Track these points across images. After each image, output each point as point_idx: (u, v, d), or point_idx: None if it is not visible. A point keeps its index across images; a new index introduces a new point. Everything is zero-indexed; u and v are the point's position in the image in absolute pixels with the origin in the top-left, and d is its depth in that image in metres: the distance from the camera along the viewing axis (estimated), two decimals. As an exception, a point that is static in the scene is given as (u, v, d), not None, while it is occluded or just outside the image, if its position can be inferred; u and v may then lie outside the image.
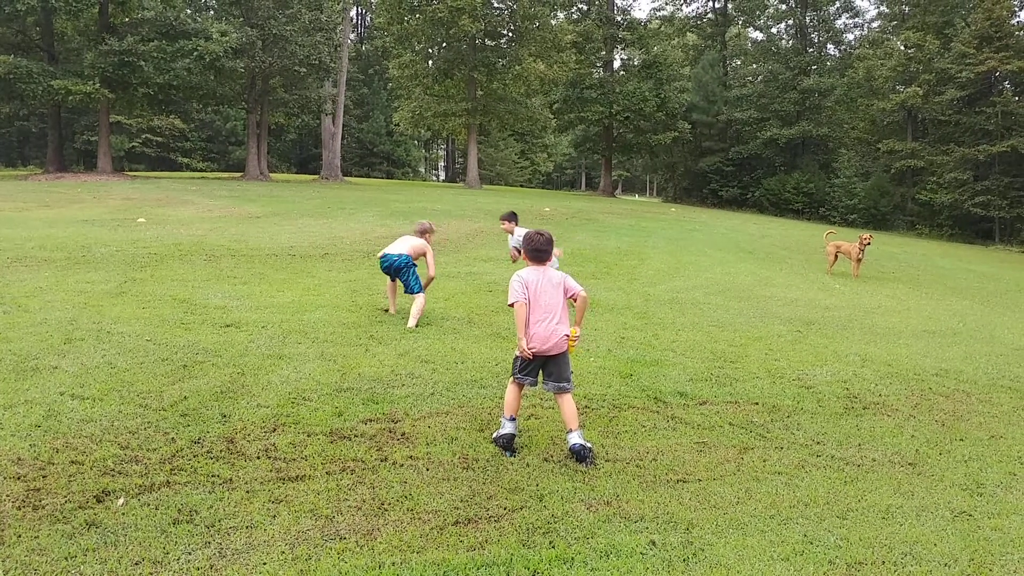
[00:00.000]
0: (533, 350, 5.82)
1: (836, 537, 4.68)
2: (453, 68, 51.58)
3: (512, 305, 5.89)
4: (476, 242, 19.53)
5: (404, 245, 10.46)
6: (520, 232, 11.13)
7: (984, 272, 25.21)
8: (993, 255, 37.03)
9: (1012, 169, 47.79)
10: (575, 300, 6.00)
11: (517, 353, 5.93)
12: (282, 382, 7.02)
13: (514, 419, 5.89)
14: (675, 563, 4.22)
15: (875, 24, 66.96)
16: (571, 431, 5.74)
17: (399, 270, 10.18)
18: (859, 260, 19.02)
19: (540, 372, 5.99)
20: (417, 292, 10.09)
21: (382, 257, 10.38)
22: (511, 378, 6.03)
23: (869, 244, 19.41)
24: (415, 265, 10.30)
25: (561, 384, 5.90)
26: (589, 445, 5.71)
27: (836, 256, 19.58)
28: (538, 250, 6.07)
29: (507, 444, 5.78)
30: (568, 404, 5.84)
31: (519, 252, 11.14)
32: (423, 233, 10.83)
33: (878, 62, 54.20)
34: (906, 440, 6.70)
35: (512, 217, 11.71)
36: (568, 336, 5.86)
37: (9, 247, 14.52)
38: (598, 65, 63.63)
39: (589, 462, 5.59)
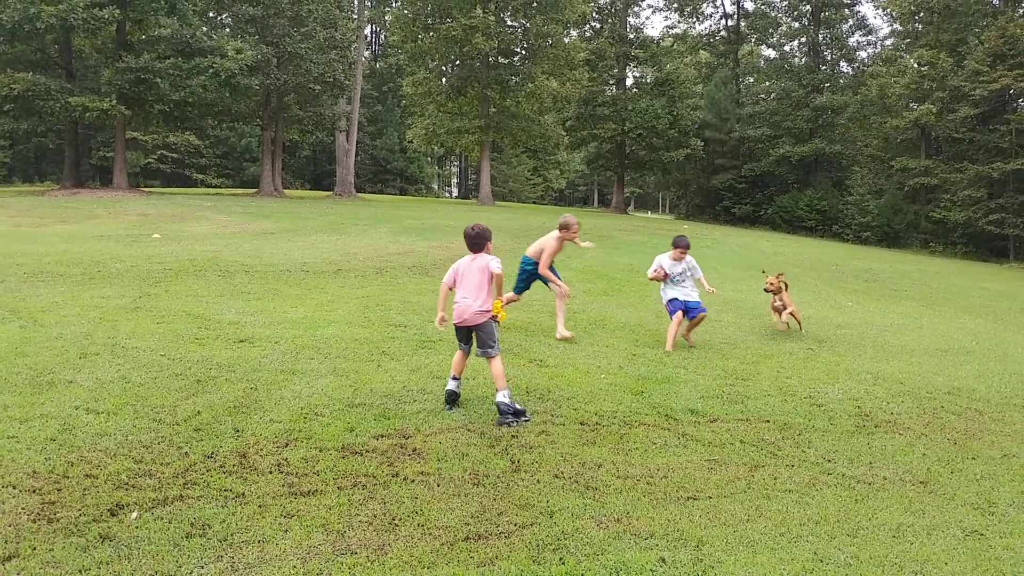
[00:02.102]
0: (452, 322, 7.22)
1: (846, 555, 4.68)
2: (466, 86, 51.78)
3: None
4: (488, 259, 19.53)
5: (536, 247, 11.03)
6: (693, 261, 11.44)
7: (998, 290, 25.11)
8: (1007, 273, 36.89)
9: (1027, 187, 47.66)
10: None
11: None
12: (294, 397, 7.06)
13: (456, 378, 7.18)
14: (685, 580, 4.23)
15: (888, 42, 66.94)
16: (497, 391, 6.90)
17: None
18: (778, 311, 12.66)
19: (470, 339, 7.27)
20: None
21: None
22: None
23: (773, 290, 12.78)
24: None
25: (483, 350, 7.15)
26: (507, 403, 6.79)
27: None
28: (468, 239, 7.41)
29: (447, 398, 7.10)
30: (494, 367, 7.07)
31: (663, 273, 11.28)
32: (562, 228, 10.86)
33: (891, 80, 54.18)
34: (917, 458, 6.69)
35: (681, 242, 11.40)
36: (482, 311, 7.09)
37: (26, 262, 14.64)
38: (611, 82, 63.78)
39: (507, 422, 6.69)
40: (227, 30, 46.81)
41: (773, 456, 6.43)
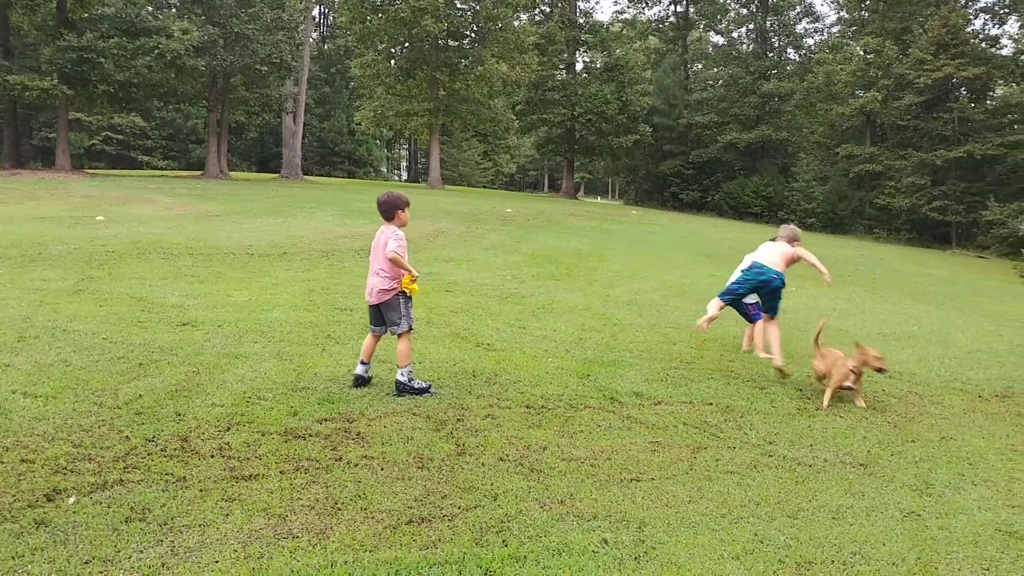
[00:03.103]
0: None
1: (786, 536, 4.74)
2: (415, 68, 51.42)
3: None
4: (437, 243, 19.51)
5: (777, 257, 9.04)
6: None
7: (940, 276, 25.58)
8: (949, 259, 37.57)
9: (968, 174, 48.56)
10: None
11: None
12: (237, 381, 6.99)
13: (365, 363, 7.15)
14: (626, 561, 4.26)
15: (835, 29, 67.75)
16: (398, 368, 7.01)
17: (773, 292, 8.91)
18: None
19: (379, 321, 7.20)
20: (771, 314, 9.06)
21: (755, 269, 8.96)
22: None
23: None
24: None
25: (389, 328, 7.13)
26: (405, 381, 6.93)
27: None
28: (379, 206, 7.22)
29: (355, 383, 7.08)
30: (400, 344, 7.05)
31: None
32: (793, 240, 9.33)
33: (837, 67, 54.79)
34: (858, 441, 6.80)
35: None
36: (384, 289, 7.00)
37: (-38, 244, 14.31)
38: (561, 67, 63.73)
39: (404, 395, 6.89)
40: (173, 10, 45.93)
41: (715, 438, 6.50)
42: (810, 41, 68.79)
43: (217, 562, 3.99)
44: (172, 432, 5.70)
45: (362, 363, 7.16)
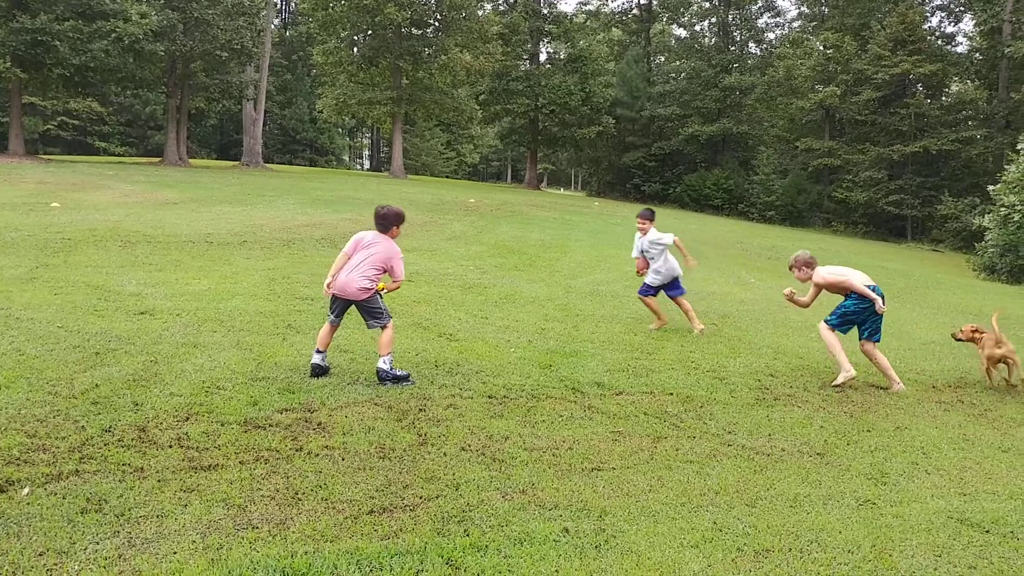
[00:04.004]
0: (333, 291, 7.23)
1: (745, 525, 4.78)
2: (378, 56, 51.13)
3: None
4: (400, 232, 19.40)
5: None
6: (656, 235, 10.86)
7: (896, 269, 25.88)
8: (905, 253, 38.08)
9: (924, 169, 49.29)
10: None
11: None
12: (196, 371, 6.92)
13: (321, 351, 7.16)
14: (587, 550, 4.27)
15: (796, 24, 68.45)
16: (379, 356, 7.10)
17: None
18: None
19: (343, 313, 7.39)
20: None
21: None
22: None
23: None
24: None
25: (370, 323, 7.34)
26: (387, 369, 7.01)
27: None
28: (376, 218, 7.54)
29: (312, 372, 7.08)
30: (383, 335, 7.17)
31: (643, 256, 10.94)
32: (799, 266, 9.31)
33: (798, 61, 55.35)
34: (815, 431, 6.87)
35: (650, 215, 11.08)
36: (364, 288, 7.12)
37: (-87, 230, 14.04)
38: (524, 58, 63.64)
39: (386, 382, 6.96)
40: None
41: (676, 428, 6.54)
42: (771, 36, 69.45)
43: (175, 553, 3.95)
44: (129, 422, 5.63)
45: (318, 351, 7.17)
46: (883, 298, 8.79)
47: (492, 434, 5.95)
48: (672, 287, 10.83)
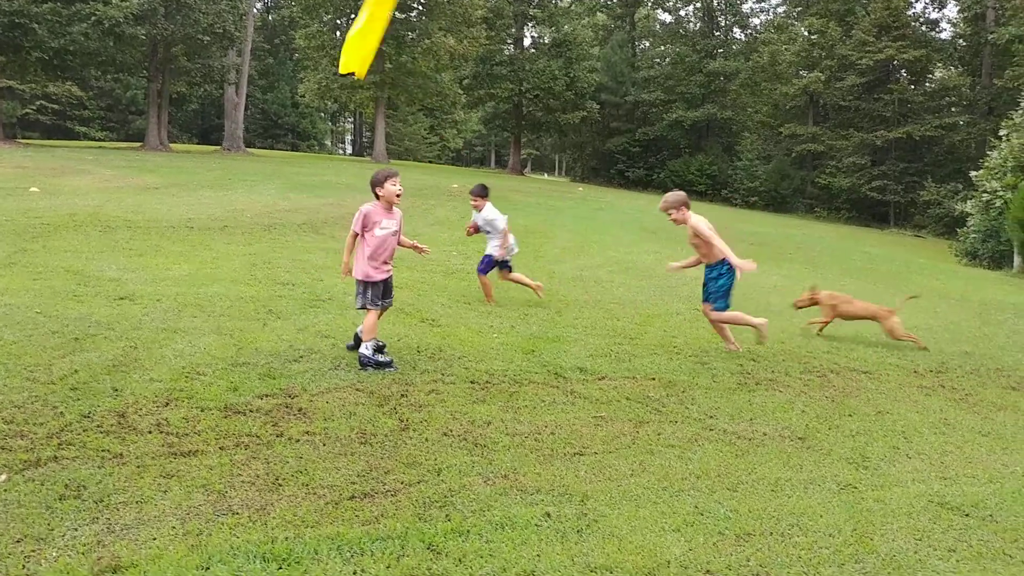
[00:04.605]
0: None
1: (726, 509, 4.79)
2: (361, 40, 50.84)
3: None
4: (382, 217, 19.34)
5: None
6: (491, 213, 10.77)
7: (878, 254, 26.02)
8: (888, 238, 38.29)
9: (907, 155, 49.52)
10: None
11: None
12: (176, 356, 6.87)
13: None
14: (569, 534, 4.27)
15: (780, 9, 68.45)
16: (362, 342, 7.08)
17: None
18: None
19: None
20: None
21: None
22: None
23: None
24: None
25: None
26: (368, 355, 6.95)
27: None
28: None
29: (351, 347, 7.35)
30: (366, 319, 7.16)
31: (476, 229, 10.90)
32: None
33: (782, 47, 55.45)
34: (796, 415, 6.89)
35: (482, 191, 10.92)
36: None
37: None
38: (508, 42, 63.53)
39: (367, 368, 6.91)
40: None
41: (658, 412, 6.54)
42: (756, 21, 69.52)
43: (155, 539, 3.92)
44: (108, 408, 5.58)
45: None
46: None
47: (474, 419, 5.94)
48: (503, 264, 10.83)
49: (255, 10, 60.16)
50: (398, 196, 7.40)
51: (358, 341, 7.25)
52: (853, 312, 10.77)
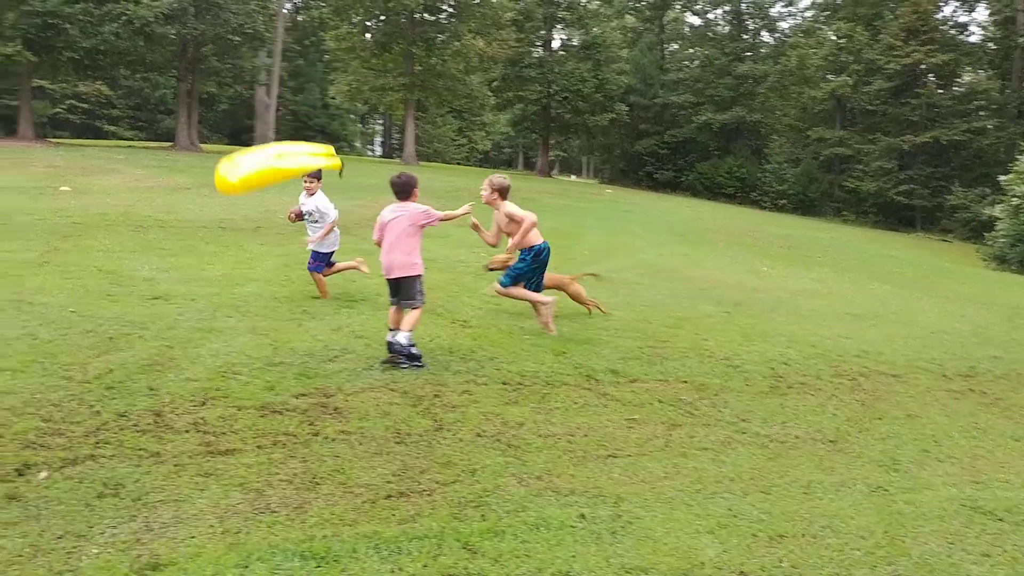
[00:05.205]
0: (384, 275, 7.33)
1: (759, 511, 4.80)
2: (391, 42, 51.05)
3: None
4: (411, 218, 19.40)
5: None
6: (324, 202, 10.17)
7: (905, 258, 25.85)
8: (914, 242, 38.03)
9: (934, 159, 49.16)
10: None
11: None
12: (212, 356, 6.93)
13: (394, 330, 7.16)
14: (603, 536, 4.30)
15: (808, 13, 68.08)
16: (400, 331, 7.06)
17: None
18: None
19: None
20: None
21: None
22: None
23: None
24: None
25: (407, 303, 7.25)
26: (404, 344, 6.95)
27: None
28: (394, 187, 7.50)
29: (390, 348, 7.11)
30: (412, 313, 7.19)
31: (299, 216, 10.22)
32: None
33: (810, 51, 55.15)
34: (828, 418, 6.89)
35: (319, 175, 10.21)
36: (410, 263, 7.25)
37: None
38: (537, 44, 63.43)
39: (399, 361, 6.95)
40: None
41: (690, 415, 6.55)
42: (784, 25, 69.04)
43: (193, 537, 3.98)
44: (145, 407, 5.64)
45: (392, 330, 7.28)
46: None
47: (507, 420, 5.97)
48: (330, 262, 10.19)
49: (285, 11, 60.52)
50: None
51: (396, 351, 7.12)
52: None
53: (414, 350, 7.10)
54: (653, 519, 4.55)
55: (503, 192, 9.06)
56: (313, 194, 10.18)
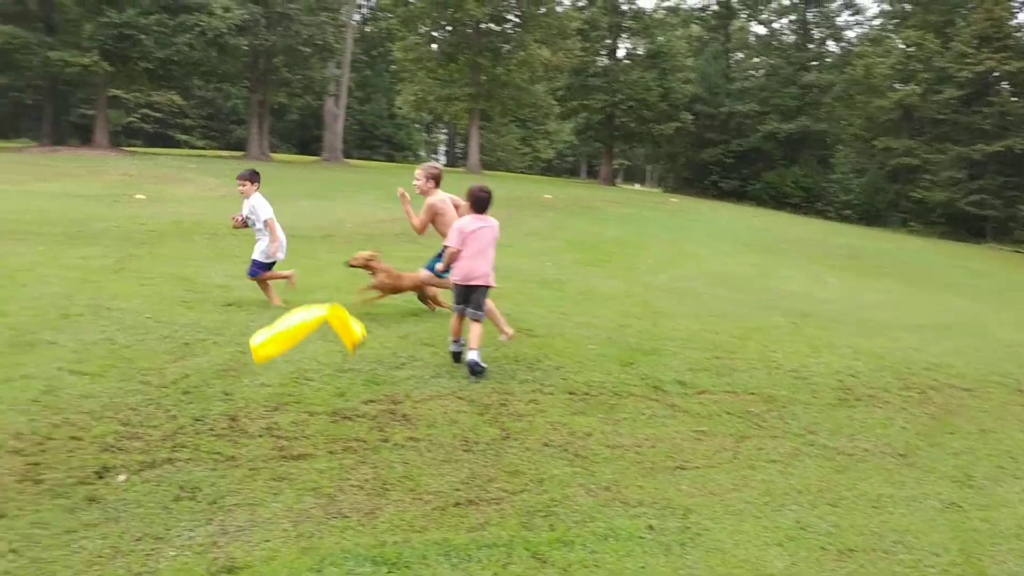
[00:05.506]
0: (454, 281, 7.37)
1: (828, 524, 4.76)
2: (457, 52, 51.40)
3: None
4: (476, 227, 19.50)
5: None
6: (260, 202, 9.63)
7: (976, 269, 25.32)
8: (985, 253, 37.21)
9: (1007, 169, 48.02)
10: None
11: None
12: (284, 361, 7.02)
13: (458, 341, 7.36)
14: (672, 547, 4.29)
15: (876, 22, 67.01)
16: (473, 349, 7.07)
17: None
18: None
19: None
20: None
21: None
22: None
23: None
24: None
25: (476, 312, 7.30)
26: (479, 360, 7.02)
27: None
28: (481, 200, 7.50)
29: (457, 359, 7.32)
30: (481, 327, 7.29)
31: (244, 221, 9.82)
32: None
33: (877, 60, 54.30)
34: (897, 431, 6.80)
35: (251, 176, 9.79)
36: (491, 273, 7.34)
37: (3, 220, 14.47)
38: (603, 53, 63.40)
39: (477, 376, 6.96)
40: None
41: (758, 427, 6.50)
42: (851, 33, 68.08)
43: (268, 541, 4.06)
44: (220, 412, 5.76)
45: (457, 341, 7.40)
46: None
47: (574, 430, 5.98)
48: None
49: (354, 22, 61.25)
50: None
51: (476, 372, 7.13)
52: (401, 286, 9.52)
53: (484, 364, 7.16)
54: (722, 531, 4.54)
55: (438, 181, 9.08)
56: (248, 196, 9.70)
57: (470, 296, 7.34)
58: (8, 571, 3.65)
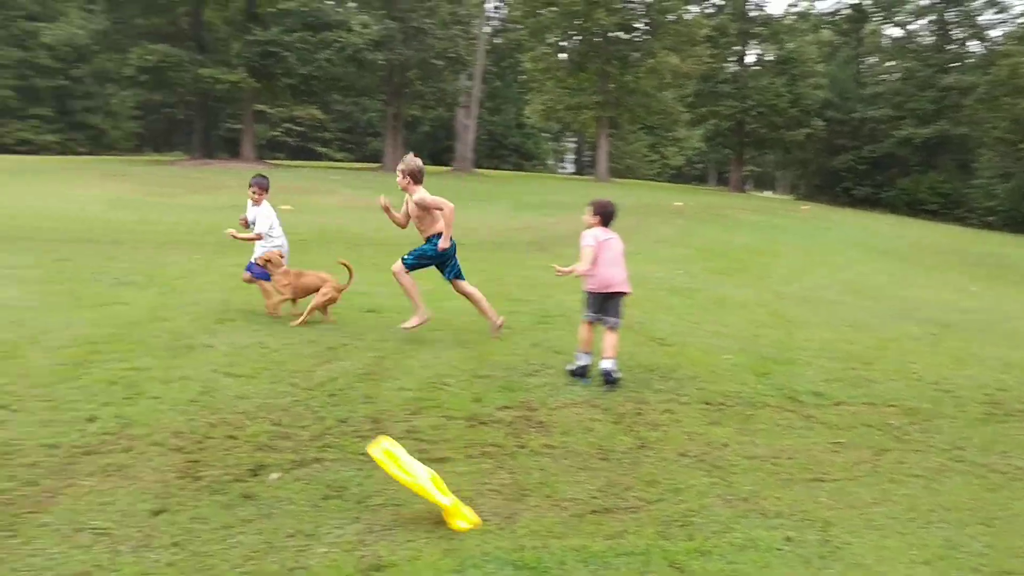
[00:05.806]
0: (592, 290, 7.35)
1: (981, 544, 4.59)
2: (586, 61, 51.55)
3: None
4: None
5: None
6: (267, 212, 9.64)
7: None
8: None
9: None
10: None
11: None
12: (422, 367, 7.23)
13: (590, 353, 7.28)
14: (812, 560, 4.24)
15: (1022, 20, 64.15)
16: (610, 358, 7.08)
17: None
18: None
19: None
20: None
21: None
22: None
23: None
24: None
25: (616, 320, 7.32)
26: (615, 368, 7.04)
27: None
28: (613, 214, 7.75)
29: (581, 372, 7.23)
30: (616, 337, 7.24)
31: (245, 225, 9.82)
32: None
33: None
34: (1055, 450, 6.50)
35: (264, 183, 9.95)
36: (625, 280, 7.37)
37: (160, 231, 15.22)
38: (731, 60, 62.62)
39: (612, 385, 6.98)
40: (354, 4, 47.28)
41: (900, 441, 6.34)
42: (995, 32, 65.28)
43: (411, 541, 4.16)
44: (364, 414, 5.96)
45: (587, 354, 7.32)
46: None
47: (710, 441, 5.96)
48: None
49: (484, 34, 62.00)
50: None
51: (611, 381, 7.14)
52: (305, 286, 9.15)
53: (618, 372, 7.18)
54: (863, 546, 4.45)
55: (416, 177, 8.91)
56: (258, 204, 9.71)
57: (606, 304, 7.31)
58: (172, 563, 3.84)
